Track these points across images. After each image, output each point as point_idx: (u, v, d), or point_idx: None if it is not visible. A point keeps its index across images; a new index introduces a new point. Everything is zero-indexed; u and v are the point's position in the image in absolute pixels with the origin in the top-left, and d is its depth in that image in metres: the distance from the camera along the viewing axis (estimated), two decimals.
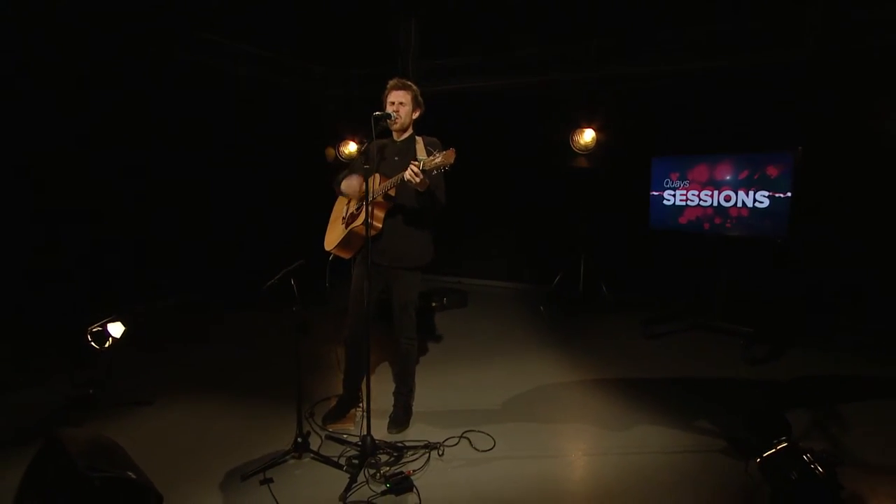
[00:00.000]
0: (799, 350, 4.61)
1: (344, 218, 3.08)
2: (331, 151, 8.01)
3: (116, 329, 3.24)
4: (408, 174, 2.50)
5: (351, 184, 2.97)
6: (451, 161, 2.42)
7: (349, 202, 3.14)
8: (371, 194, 2.66)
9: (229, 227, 6.62)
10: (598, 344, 4.86)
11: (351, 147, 7.89)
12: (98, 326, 3.21)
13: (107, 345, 3.22)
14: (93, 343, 3.18)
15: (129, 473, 2.10)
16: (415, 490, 2.47)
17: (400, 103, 2.88)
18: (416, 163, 2.49)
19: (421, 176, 2.48)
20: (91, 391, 3.24)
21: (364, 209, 2.64)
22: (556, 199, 6.76)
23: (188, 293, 5.99)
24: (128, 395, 3.43)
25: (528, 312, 6.01)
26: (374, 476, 2.59)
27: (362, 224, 2.75)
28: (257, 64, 6.67)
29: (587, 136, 6.37)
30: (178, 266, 5.93)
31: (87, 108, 4.93)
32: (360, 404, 3.33)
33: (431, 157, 2.45)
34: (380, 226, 2.82)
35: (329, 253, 3.14)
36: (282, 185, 7.27)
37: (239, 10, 6.20)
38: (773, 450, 1.81)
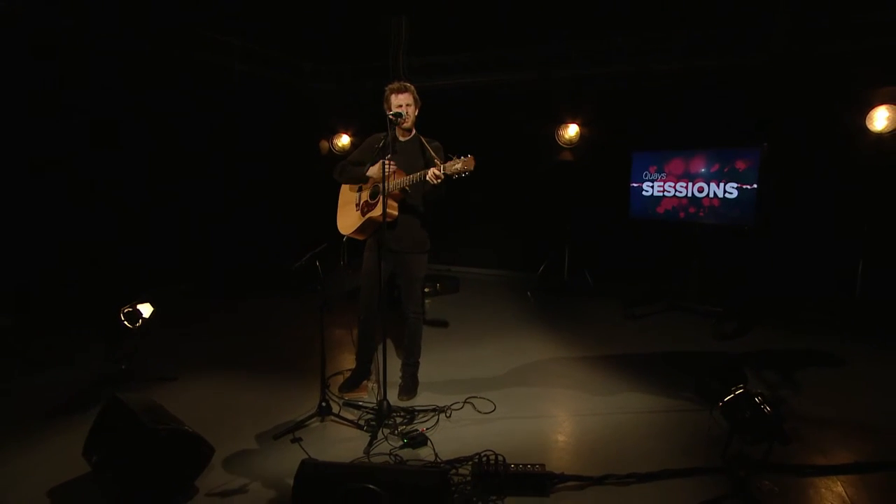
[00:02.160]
0: (763, 327, 5.06)
1: (358, 205, 3.37)
2: (324, 144, 8.28)
3: (146, 309, 3.52)
4: (430, 175, 2.86)
5: (375, 169, 3.21)
6: (471, 167, 2.80)
7: (361, 190, 3.43)
8: (387, 186, 2.98)
9: (231, 219, 6.86)
10: (583, 324, 5.27)
11: (344, 140, 8.17)
12: (129, 307, 3.49)
13: (138, 324, 3.50)
14: (125, 322, 3.46)
15: (186, 427, 2.42)
16: (429, 444, 2.84)
17: (407, 105, 3.19)
18: (439, 166, 2.85)
19: (442, 178, 2.85)
20: (123, 367, 3.52)
21: (381, 199, 2.97)
22: (541, 190, 7.13)
23: (197, 280, 6.25)
24: (153, 371, 3.72)
25: (516, 298, 6.39)
26: (391, 433, 2.94)
27: (380, 214, 3.07)
28: (249, 59, 6.87)
29: (571, 131, 6.76)
30: (189, 254, 6.18)
31: (88, 107, 5.09)
32: (371, 376, 3.68)
33: (452, 162, 2.81)
34: (395, 214, 3.15)
35: (342, 235, 3.43)
36: (278, 177, 7.51)
37: (229, 6, 6.38)
38: (732, 395, 2.21)
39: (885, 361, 4.27)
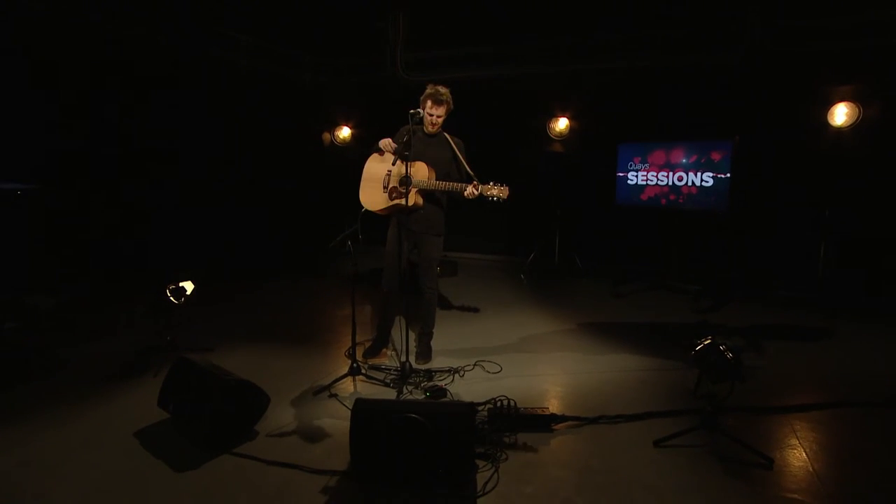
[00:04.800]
0: (736, 303, 5.62)
1: (386, 187, 3.67)
2: (326, 136, 8.66)
3: (189, 286, 3.93)
4: (468, 192, 3.35)
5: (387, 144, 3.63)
6: (505, 196, 3.30)
7: (390, 174, 3.66)
8: (409, 179, 3.41)
9: (239, 209, 7.23)
10: (574, 302, 5.78)
11: (345, 132, 8.56)
12: (173, 284, 3.89)
13: (182, 300, 3.91)
14: (171, 298, 3.87)
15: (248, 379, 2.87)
16: (448, 395, 3.32)
17: (438, 116, 3.60)
18: (477, 185, 3.34)
19: (476, 196, 3.34)
20: (168, 338, 3.94)
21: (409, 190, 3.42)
22: (533, 179, 7.59)
23: (216, 266, 6.59)
24: (191, 343, 4.12)
25: (510, 280, 6.89)
26: (414, 389, 3.42)
27: (409, 204, 3.47)
28: (252, 53, 7.20)
29: (561, 123, 7.24)
30: (202, 242, 6.55)
31: (89, 104, 5.41)
32: (390, 344, 4.14)
33: (489, 187, 3.29)
34: (421, 203, 3.61)
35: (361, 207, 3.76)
36: (283, 169, 7.88)
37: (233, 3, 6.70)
38: (701, 345, 2.72)
39: (839, 331, 4.82)
